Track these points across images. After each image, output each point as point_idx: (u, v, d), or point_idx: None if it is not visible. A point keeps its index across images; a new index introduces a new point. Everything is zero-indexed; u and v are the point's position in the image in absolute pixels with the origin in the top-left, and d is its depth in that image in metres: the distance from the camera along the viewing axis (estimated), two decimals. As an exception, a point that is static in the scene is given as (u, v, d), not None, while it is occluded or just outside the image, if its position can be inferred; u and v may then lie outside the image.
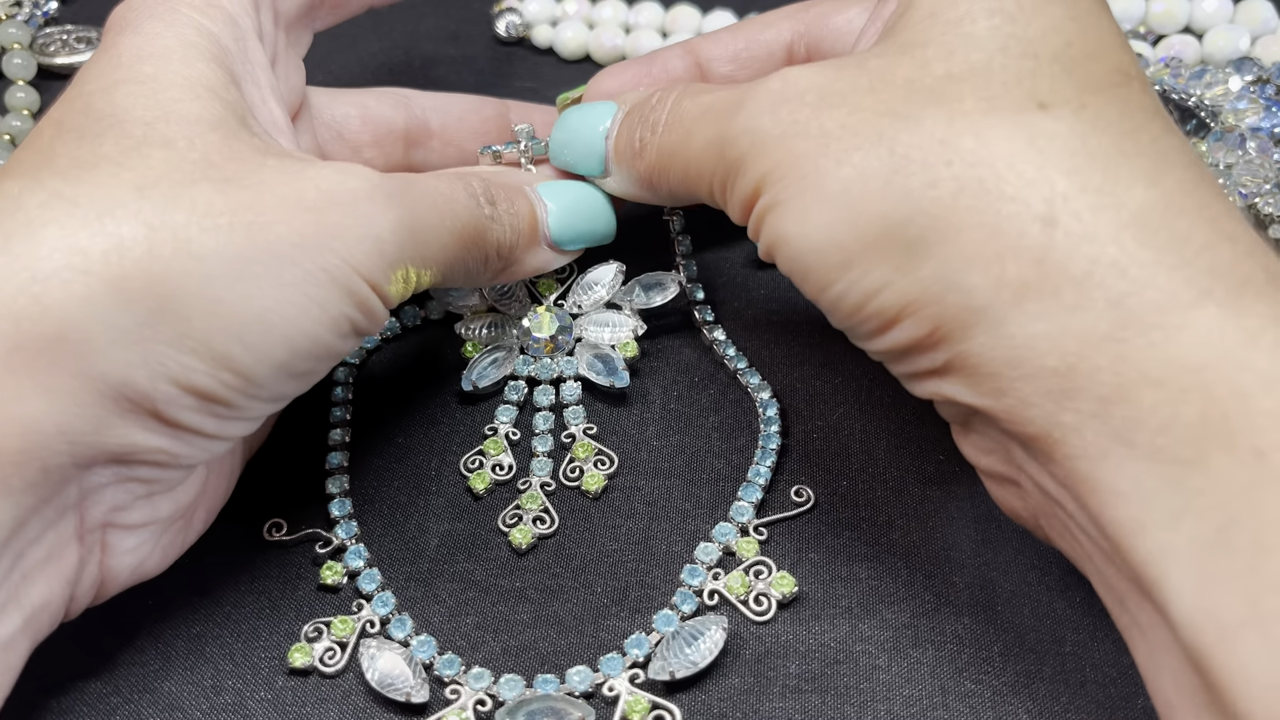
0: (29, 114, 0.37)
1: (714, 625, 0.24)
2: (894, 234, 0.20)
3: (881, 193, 0.20)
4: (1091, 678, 0.23)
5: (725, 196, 0.23)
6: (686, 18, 0.40)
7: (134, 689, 0.24)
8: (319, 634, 0.24)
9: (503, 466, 0.27)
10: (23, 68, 0.38)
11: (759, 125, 0.22)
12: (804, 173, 0.21)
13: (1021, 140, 0.19)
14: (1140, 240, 0.18)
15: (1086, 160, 0.19)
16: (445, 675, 0.24)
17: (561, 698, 0.23)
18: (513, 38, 0.40)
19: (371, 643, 0.24)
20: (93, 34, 0.40)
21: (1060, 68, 0.20)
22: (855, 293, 0.21)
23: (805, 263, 0.21)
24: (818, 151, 0.21)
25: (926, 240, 0.20)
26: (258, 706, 0.23)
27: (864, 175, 0.20)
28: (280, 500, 0.27)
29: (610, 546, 0.26)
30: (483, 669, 0.24)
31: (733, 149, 0.22)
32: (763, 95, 0.22)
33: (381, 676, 0.23)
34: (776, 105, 0.22)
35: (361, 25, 0.42)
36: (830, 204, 0.20)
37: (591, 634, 0.25)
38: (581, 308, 0.30)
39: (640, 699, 0.23)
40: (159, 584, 0.25)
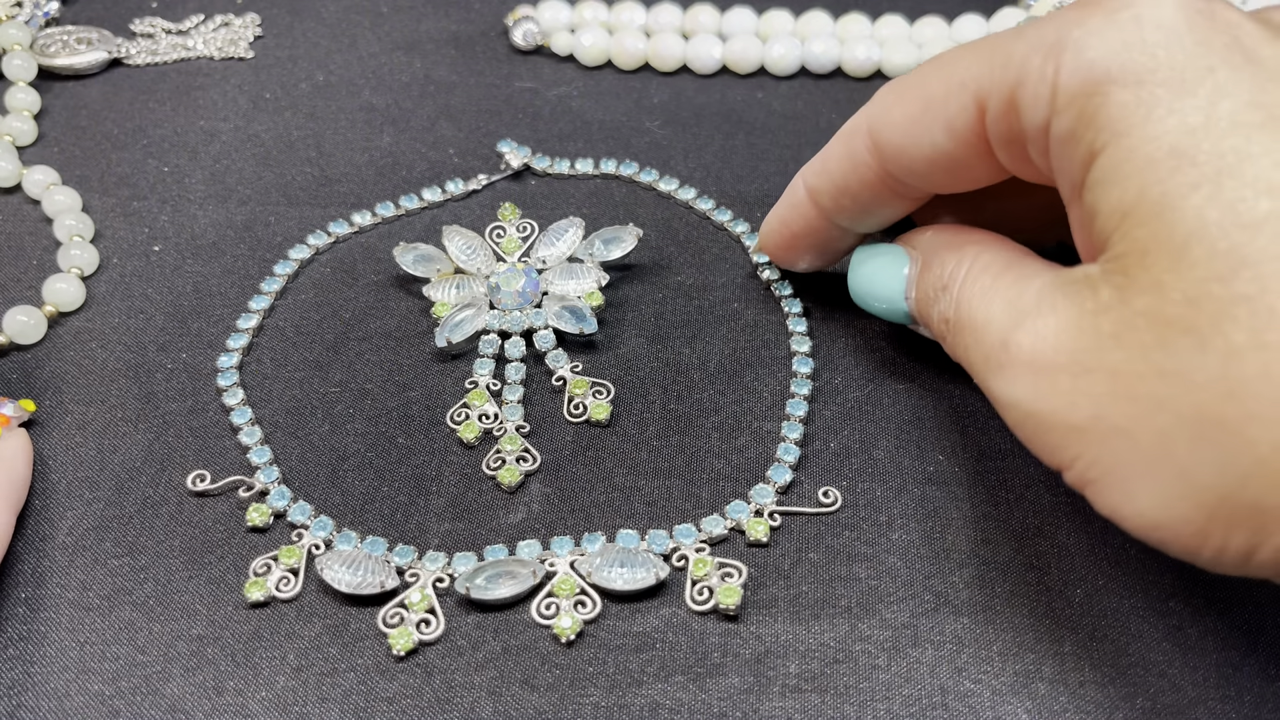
0: (29, 115, 0.37)
1: (653, 568, 0.25)
2: (1234, 499, 0.17)
3: (1207, 462, 0.18)
4: (1091, 678, 0.23)
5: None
6: (707, 16, 0.40)
7: (136, 690, 0.24)
8: (268, 569, 0.25)
9: (488, 415, 0.29)
10: (23, 69, 0.38)
11: (1020, 402, 0.20)
12: (1112, 450, 0.19)
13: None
14: None
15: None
16: (401, 564, 0.25)
17: (514, 560, 0.25)
18: (530, 47, 0.40)
19: (322, 558, 0.25)
20: (93, 35, 0.40)
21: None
22: (1231, 555, 0.18)
23: (1161, 537, 0.19)
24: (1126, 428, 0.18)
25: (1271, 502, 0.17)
26: (259, 707, 0.23)
27: (1178, 443, 0.18)
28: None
29: (614, 522, 0.26)
30: (436, 552, 0.25)
31: (1007, 424, 0.21)
32: (1020, 360, 0.20)
33: (350, 578, 0.25)
34: (1037, 376, 0.20)
35: (361, 25, 0.42)
36: (1156, 478, 0.18)
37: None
38: (545, 262, 0.31)
39: (571, 580, 0.25)
40: (156, 586, 0.25)
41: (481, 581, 0.25)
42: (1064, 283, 0.20)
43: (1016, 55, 0.21)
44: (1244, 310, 0.17)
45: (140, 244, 0.34)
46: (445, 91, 0.39)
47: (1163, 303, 0.18)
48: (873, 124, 0.24)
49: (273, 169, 0.36)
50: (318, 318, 0.31)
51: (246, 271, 0.33)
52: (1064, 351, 0.19)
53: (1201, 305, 0.17)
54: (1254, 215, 0.17)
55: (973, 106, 0.22)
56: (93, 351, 0.31)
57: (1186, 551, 0.19)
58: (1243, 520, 0.17)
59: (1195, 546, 0.18)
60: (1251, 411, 0.17)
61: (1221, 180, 0.17)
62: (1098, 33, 0.19)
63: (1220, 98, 0.18)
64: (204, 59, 0.40)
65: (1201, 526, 0.18)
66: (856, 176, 0.25)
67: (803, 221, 0.27)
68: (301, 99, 0.39)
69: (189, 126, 0.37)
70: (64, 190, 0.35)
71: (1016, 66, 0.21)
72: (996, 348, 0.21)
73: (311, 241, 0.33)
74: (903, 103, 0.23)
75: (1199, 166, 0.17)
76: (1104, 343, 0.19)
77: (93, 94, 0.39)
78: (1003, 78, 0.21)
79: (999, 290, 0.22)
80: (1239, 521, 0.17)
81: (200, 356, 0.30)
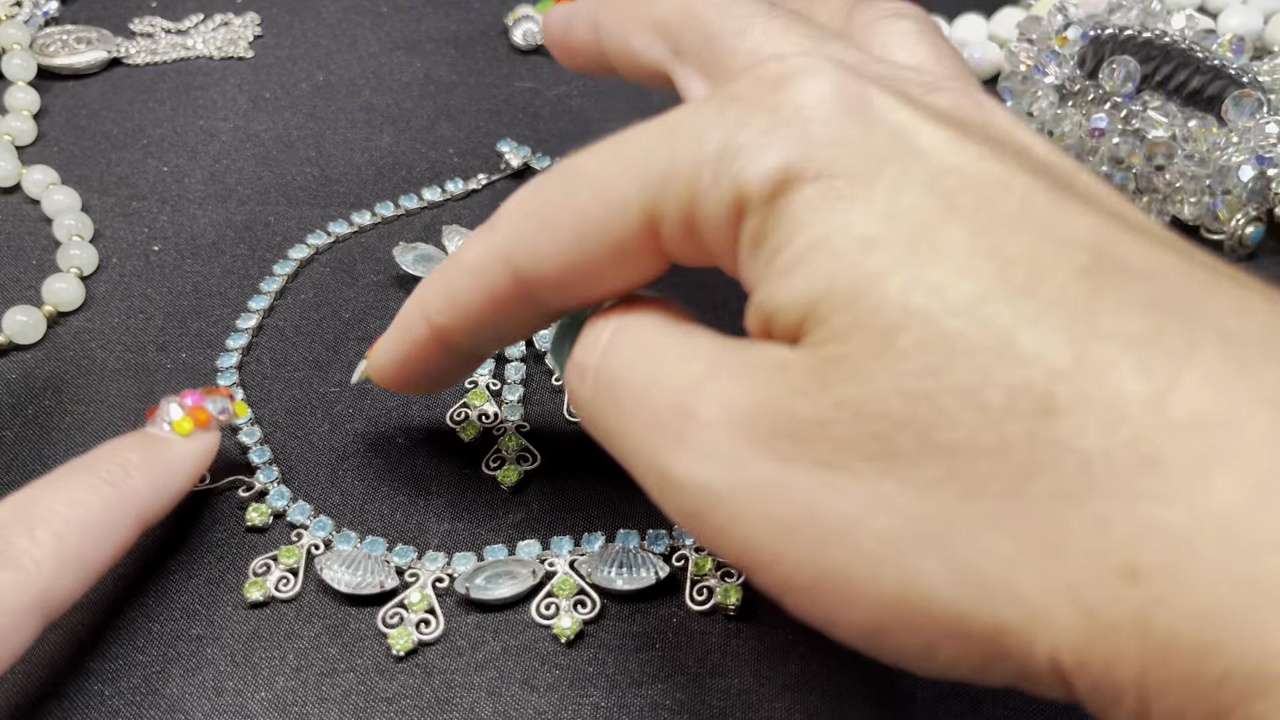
0: (29, 114, 0.37)
1: (653, 568, 0.25)
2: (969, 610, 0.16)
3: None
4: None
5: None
6: None
7: (135, 690, 0.24)
8: (267, 568, 0.25)
9: (488, 415, 0.29)
10: (22, 68, 0.38)
11: (709, 484, 0.17)
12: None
13: None
14: None
15: None
16: (401, 564, 0.25)
17: (513, 560, 0.25)
18: (530, 46, 0.40)
19: (322, 558, 0.25)
20: (93, 34, 0.40)
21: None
22: (962, 670, 0.16)
23: (882, 645, 0.17)
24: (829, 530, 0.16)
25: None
26: (258, 707, 0.23)
27: (904, 547, 0.16)
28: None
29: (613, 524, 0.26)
30: (435, 552, 0.25)
31: (679, 512, 0.18)
32: (710, 433, 0.17)
33: (350, 579, 0.25)
34: (735, 453, 0.17)
35: (361, 25, 0.42)
36: (878, 585, 0.16)
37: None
38: None
39: (571, 580, 0.25)
40: (156, 586, 0.25)
41: (481, 581, 0.25)
42: (746, 355, 0.18)
43: (682, 171, 0.18)
44: (958, 403, 0.15)
45: (140, 244, 0.33)
46: (445, 91, 0.39)
47: (870, 394, 0.16)
48: (515, 258, 0.21)
49: (272, 169, 0.36)
50: (317, 317, 0.31)
51: (246, 271, 0.33)
52: (761, 433, 0.17)
53: (916, 400, 0.16)
54: (959, 300, 0.16)
55: (642, 226, 0.19)
56: (92, 351, 0.31)
57: (910, 660, 0.17)
58: (978, 635, 0.15)
59: (921, 656, 0.16)
60: (986, 511, 0.15)
61: (918, 266, 0.16)
62: (765, 134, 0.18)
63: (899, 189, 0.17)
64: (203, 58, 0.40)
65: (931, 639, 0.16)
66: (498, 310, 0.22)
67: (425, 355, 0.24)
68: (301, 99, 0.39)
69: (188, 126, 0.37)
70: (63, 190, 0.35)
71: (685, 183, 0.18)
72: (671, 413, 0.18)
73: (311, 241, 0.33)
74: (551, 231, 0.20)
75: (891, 252, 0.16)
76: (807, 430, 0.16)
77: (92, 94, 0.39)
78: (673, 196, 0.19)
79: (666, 345, 0.19)
80: (974, 636, 0.15)
81: (200, 356, 0.30)
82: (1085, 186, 0.18)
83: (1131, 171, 0.33)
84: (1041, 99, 0.35)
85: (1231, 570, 0.13)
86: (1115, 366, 0.15)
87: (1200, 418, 0.14)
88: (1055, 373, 0.15)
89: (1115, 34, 0.35)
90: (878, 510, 0.16)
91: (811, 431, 0.16)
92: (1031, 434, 0.15)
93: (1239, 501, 0.14)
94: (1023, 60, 0.36)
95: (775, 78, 0.18)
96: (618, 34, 0.26)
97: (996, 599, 0.15)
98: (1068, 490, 0.14)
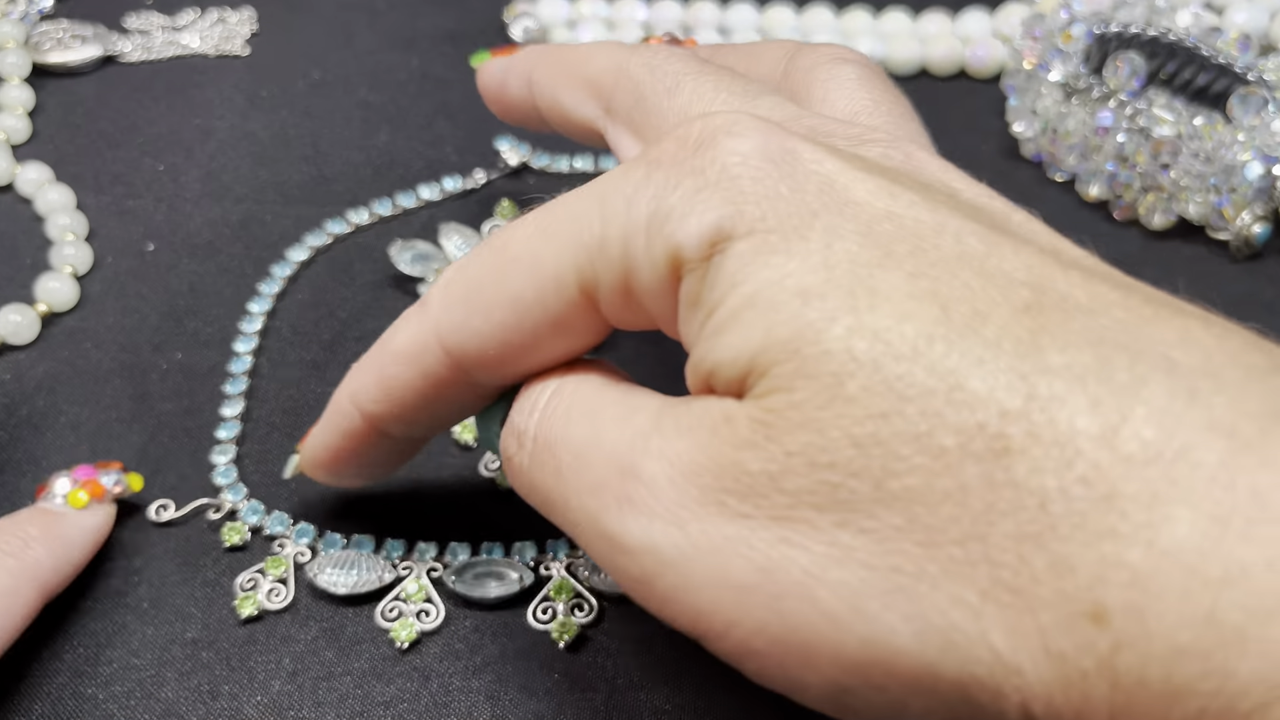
0: (24, 112, 0.37)
1: None
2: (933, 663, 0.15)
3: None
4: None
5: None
6: (708, 12, 0.40)
7: (130, 694, 0.23)
8: (255, 583, 0.25)
9: None
10: (17, 65, 0.38)
11: (657, 547, 0.17)
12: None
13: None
14: None
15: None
16: (394, 559, 0.25)
17: (503, 560, 0.25)
18: (530, 42, 0.40)
19: (312, 565, 0.25)
20: (88, 31, 0.40)
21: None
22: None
23: (848, 704, 0.16)
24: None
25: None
26: (254, 711, 0.23)
27: (868, 600, 0.15)
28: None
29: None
30: (426, 543, 0.25)
31: (626, 577, 0.17)
32: (657, 494, 0.17)
33: (346, 579, 0.25)
34: (684, 515, 0.16)
35: (357, 22, 0.42)
36: (841, 642, 0.16)
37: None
38: None
39: (568, 582, 0.25)
40: (150, 590, 0.25)
41: (469, 578, 0.25)
42: (688, 410, 0.17)
43: (614, 239, 0.18)
44: (911, 448, 0.15)
45: (134, 243, 0.33)
46: (443, 88, 0.39)
47: (822, 443, 0.15)
48: (449, 340, 0.20)
49: (268, 167, 0.36)
50: (314, 317, 0.31)
51: (242, 271, 0.32)
52: (709, 489, 0.16)
53: (868, 446, 0.15)
54: (904, 344, 0.15)
55: (579, 298, 0.19)
56: (86, 351, 0.30)
57: (878, 719, 0.16)
58: (947, 689, 0.15)
59: (890, 715, 0.16)
60: (947, 558, 0.15)
61: (859, 313, 0.16)
62: (694, 194, 0.17)
63: (833, 239, 0.16)
64: (199, 56, 0.40)
65: (898, 696, 0.15)
66: (434, 394, 0.21)
67: (359, 446, 0.23)
68: (298, 96, 0.38)
69: (184, 124, 0.37)
70: (57, 188, 0.34)
71: (619, 251, 0.18)
72: (614, 475, 0.17)
73: (309, 241, 0.33)
74: (484, 314, 0.20)
75: (830, 301, 0.16)
76: (757, 484, 0.16)
77: (87, 91, 0.39)
78: (608, 265, 0.18)
79: (606, 404, 0.19)
80: (943, 690, 0.15)
81: (195, 356, 0.30)
82: (1019, 225, 0.18)
83: (1136, 169, 0.33)
84: (1046, 96, 0.35)
85: (1192, 609, 0.13)
86: (1065, 403, 0.14)
87: (1153, 451, 0.14)
88: (1006, 413, 0.15)
89: (1120, 30, 0.35)
90: (836, 564, 0.15)
91: (762, 485, 0.16)
92: (988, 476, 0.14)
93: (1195, 536, 0.13)
94: (1027, 57, 0.36)
95: (699, 137, 0.18)
96: (551, 91, 0.26)
97: (963, 651, 0.15)
98: (1028, 532, 0.14)
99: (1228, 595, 0.13)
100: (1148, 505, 0.14)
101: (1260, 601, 0.13)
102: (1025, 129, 0.36)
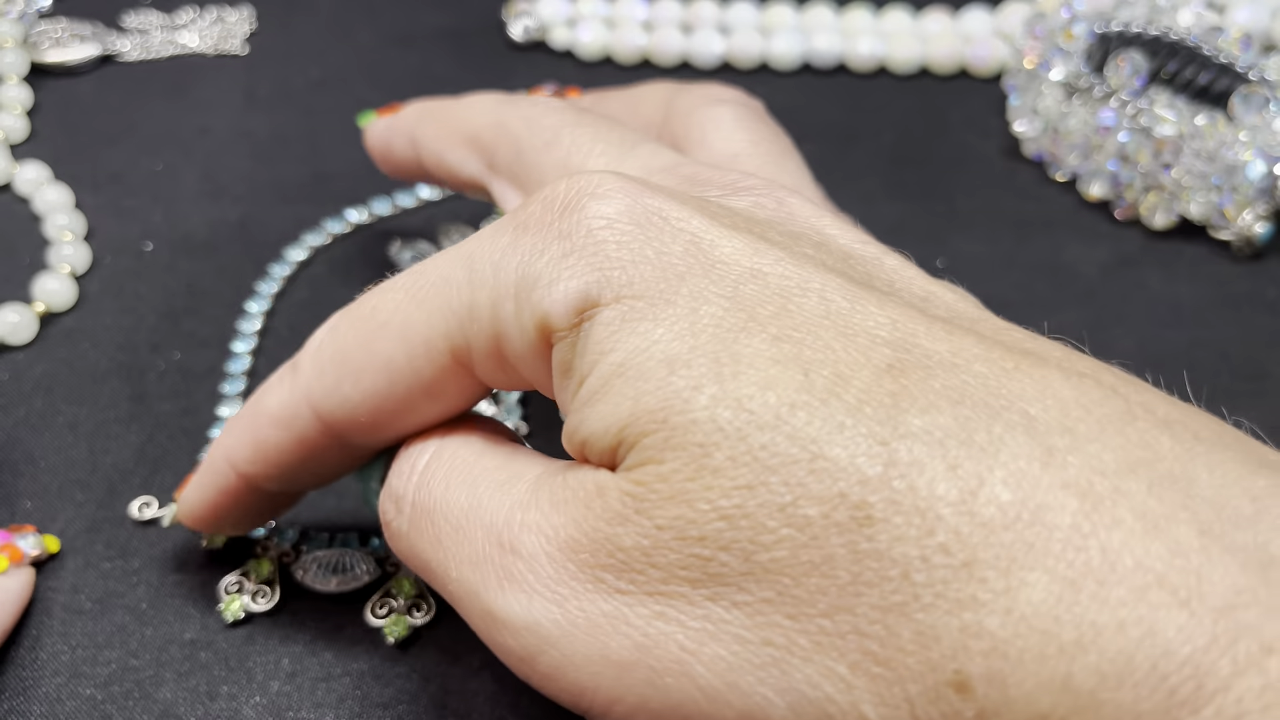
0: (22, 111, 0.37)
1: None
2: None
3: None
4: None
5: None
6: (708, 10, 0.40)
7: (128, 695, 0.23)
8: (240, 586, 0.25)
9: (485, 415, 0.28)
10: (15, 64, 0.38)
11: (537, 624, 0.16)
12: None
13: None
14: None
15: None
16: (379, 554, 0.25)
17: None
18: (529, 41, 0.40)
19: (298, 565, 0.25)
20: (86, 30, 0.40)
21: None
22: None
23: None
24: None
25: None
26: (252, 712, 0.23)
27: (744, 675, 0.15)
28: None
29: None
30: None
31: (509, 655, 0.17)
32: (536, 569, 0.16)
33: (333, 579, 0.25)
34: (562, 592, 0.16)
35: (356, 20, 0.42)
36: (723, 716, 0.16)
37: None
38: None
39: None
40: (149, 590, 0.25)
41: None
42: (565, 480, 0.17)
43: (483, 305, 0.18)
44: (777, 520, 0.15)
45: (132, 242, 0.33)
46: (442, 86, 0.38)
47: (690, 516, 0.15)
48: (321, 406, 0.20)
49: (267, 166, 0.36)
50: (313, 317, 0.31)
51: (240, 270, 0.32)
52: (585, 564, 0.16)
53: (735, 519, 0.15)
54: (766, 413, 0.15)
55: (451, 363, 0.19)
56: (84, 351, 0.30)
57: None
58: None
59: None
60: (817, 630, 0.15)
61: (723, 381, 0.16)
62: (561, 260, 0.17)
63: (699, 303, 0.16)
64: (197, 55, 0.40)
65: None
66: (307, 456, 0.21)
67: (235, 501, 0.23)
68: (296, 95, 0.38)
69: (182, 123, 0.37)
70: (55, 187, 0.34)
71: (488, 318, 0.18)
72: (493, 548, 0.17)
73: (309, 241, 0.33)
74: (354, 379, 0.20)
75: (695, 369, 0.16)
76: (631, 558, 0.16)
77: (85, 90, 0.38)
78: (478, 331, 0.18)
79: (485, 470, 0.18)
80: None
81: (194, 356, 0.30)
82: (889, 274, 0.18)
83: (1138, 169, 0.33)
84: (1047, 95, 0.35)
85: (1049, 675, 0.13)
86: (924, 469, 0.14)
87: (1010, 515, 0.14)
88: (867, 480, 0.14)
89: (1122, 29, 0.35)
90: (710, 638, 0.15)
91: (636, 560, 0.16)
92: (852, 546, 0.14)
93: (1050, 600, 0.13)
94: (1028, 56, 0.36)
95: (565, 200, 0.18)
96: (435, 150, 0.26)
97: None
98: (893, 603, 0.14)
99: (1081, 660, 0.13)
100: (1005, 571, 0.13)
101: (1111, 665, 0.13)
102: (1026, 128, 0.36)
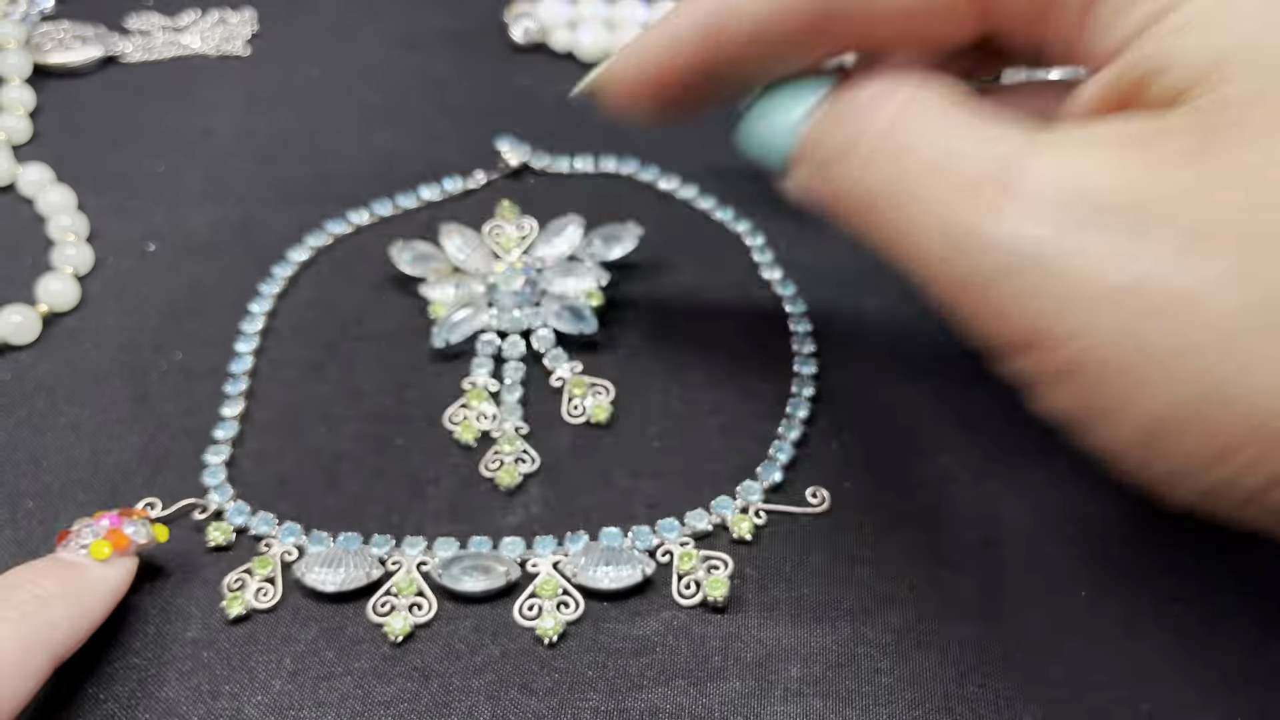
0: (25, 113, 0.37)
1: (639, 565, 0.25)
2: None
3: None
4: (1096, 682, 0.23)
5: (970, 319, 0.17)
6: None
7: (131, 694, 0.23)
8: (242, 583, 0.25)
9: (486, 416, 0.28)
10: (18, 66, 0.38)
11: (1021, 248, 0.16)
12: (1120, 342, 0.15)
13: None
14: None
15: None
16: (381, 554, 0.25)
17: (490, 554, 0.25)
18: (530, 43, 0.40)
19: (300, 563, 0.25)
20: (89, 31, 0.40)
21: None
22: (1242, 487, 0.15)
23: (1163, 446, 0.15)
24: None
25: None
26: (254, 711, 0.23)
27: (1259, 325, 0.15)
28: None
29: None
30: (415, 537, 0.25)
31: (965, 273, 0.17)
32: (1040, 191, 0.16)
33: (334, 577, 0.25)
34: (1068, 214, 0.16)
35: (358, 22, 0.42)
36: (1196, 367, 0.15)
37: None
38: (544, 261, 0.31)
39: (554, 581, 0.25)
40: (151, 590, 0.25)
41: (455, 571, 0.25)
42: (1087, 131, 0.16)
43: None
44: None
45: (135, 243, 0.33)
46: (443, 88, 0.39)
47: (1266, 165, 0.15)
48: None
49: (269, 167, 0.36)
50: (314, 317, 0.31)
51: (243, 271, 0.32)
52: (1119, 191, 0.15)
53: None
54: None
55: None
56: (87, 352, 0.30)
57: (1185, 468, 0.15)
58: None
59: (1205, 465, 0.15)
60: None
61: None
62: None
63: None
64: (200, 56, 0.40)
65: (1230, 441, 0.14)
66: (794, 8, 0.20)
67: (677, 64, 0.21)
68: (298, 96, 0.38)
69: (184, 124, 0.37)
70: (59, 189, 0.34)
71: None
72: (985, 181, 0.16)
73: (310, 241, 0.33)
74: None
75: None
76: (1188, 194, 0.15)
77: (88, 91, 0.39)
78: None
79: (967, 124, 0.18)
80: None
81: (196, 357, 0.30)
82: None
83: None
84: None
85: None
86: None
87: None
88: None
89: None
90: (1230, 289, 0.14)
91: (1169, 203, 0.15)
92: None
93: None
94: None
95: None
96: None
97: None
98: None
99: None
100: None
101: None
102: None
